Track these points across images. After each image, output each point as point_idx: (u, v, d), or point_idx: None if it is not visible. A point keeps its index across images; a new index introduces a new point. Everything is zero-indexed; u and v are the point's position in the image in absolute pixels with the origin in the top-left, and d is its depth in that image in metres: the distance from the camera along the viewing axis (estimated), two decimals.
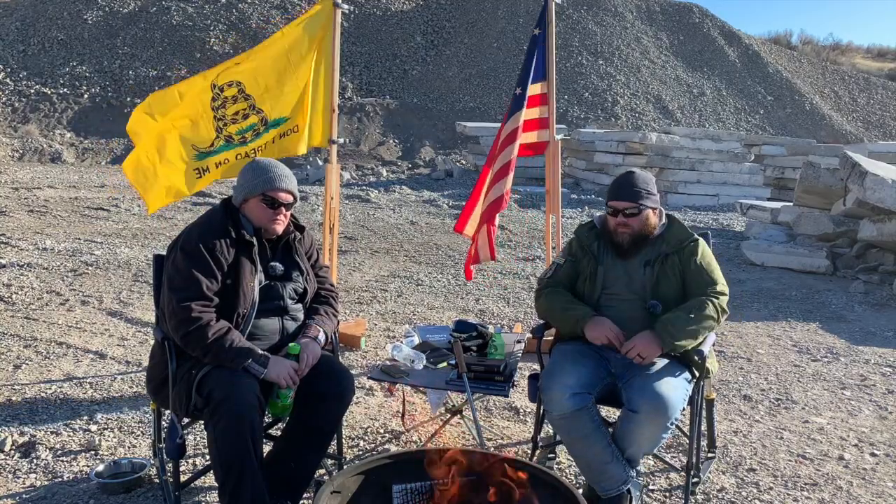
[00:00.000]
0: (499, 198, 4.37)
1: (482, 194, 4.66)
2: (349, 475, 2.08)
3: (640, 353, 2.62)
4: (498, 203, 4.37)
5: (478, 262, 4.66)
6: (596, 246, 2.88)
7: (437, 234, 9.33)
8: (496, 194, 4.40)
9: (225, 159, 4.04)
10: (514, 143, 4.45)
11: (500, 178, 4.40)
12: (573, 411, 2.57)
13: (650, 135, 13.73)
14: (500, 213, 4.47)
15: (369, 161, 17.44)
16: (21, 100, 17.79)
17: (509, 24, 22.91)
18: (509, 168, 4.41)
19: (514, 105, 4.58)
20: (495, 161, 4.52)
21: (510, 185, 4.43)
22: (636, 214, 2.74)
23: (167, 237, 8.04)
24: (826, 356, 5.01)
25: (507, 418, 3.73)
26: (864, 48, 33.49)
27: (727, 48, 24.75)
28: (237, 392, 2.35)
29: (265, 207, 2.64)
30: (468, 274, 4.79)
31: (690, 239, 2.80)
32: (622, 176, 2.83)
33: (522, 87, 4.57)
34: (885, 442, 3.61)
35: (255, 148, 4.09)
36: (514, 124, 4.49)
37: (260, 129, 4.08)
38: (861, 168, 7.45)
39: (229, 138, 4.03)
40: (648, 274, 2.76)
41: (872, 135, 23.39)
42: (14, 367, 4.14)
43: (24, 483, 2.90)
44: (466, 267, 4.76)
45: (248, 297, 2.56)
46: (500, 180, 4.40)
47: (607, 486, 2.60)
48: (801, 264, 7.83)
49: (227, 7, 21.77)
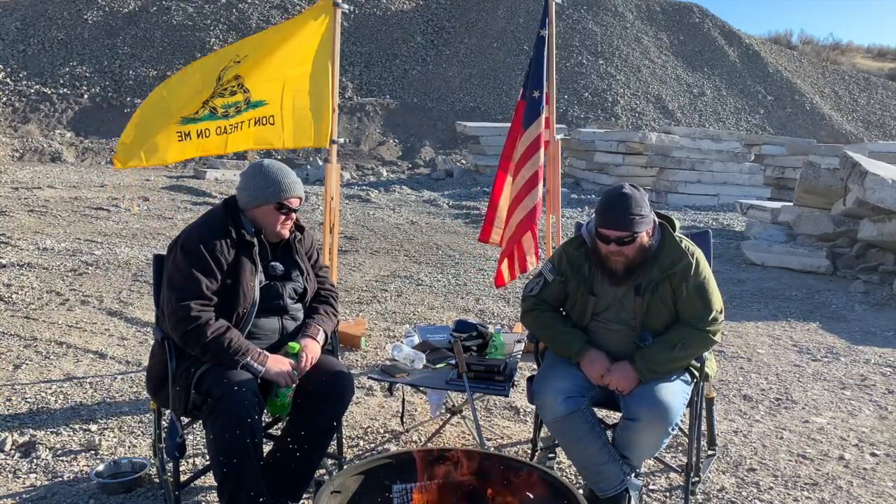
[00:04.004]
0: (535, 206, 4.40)
1: (502, 199, 4.67)
2: (349, 475, 2.08)
3: (617, 387, 2.60)
4: (535, 211, 4.40)
5: (525, 270, 4.59)
6: (586, 268, 2.72)
7: (437, 234, 9.33)
8: (532, 202, 4.41)
9: (206, 129, 4.08)
10: (540, 150, 4.44)
11: (533, 186, 4.41)
12: (566, 415, 2.56)
13: (650, 135, 13.73)
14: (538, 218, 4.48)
15: (369, 161, 17.44)
16: (21, 100, 17.79)
17: (509, 24, 22.91)
18: (539, 175, 4.42)
19: (531, 109, 4.52)
20: (521, 168, 4.50)
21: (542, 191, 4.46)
22: (630, 242, 2.55)
23: (167, 237, 8.04)
24: (826, 356, 5.01)
25: (507, 418, 3.73)
26: (864, 48, 33.48)
27: (727, 48, 24.74)
28: (236, 390, 2.35)
29: (278, 214, 2.64)
30: (500, 280, 4.67)
31: (682, 262, 2.60)
32: (613, 199, 2.57)
33: (539, 90, 4.54)
34: (885, 442, 3.61)
35: (235, 124, 4.14)
36: (536, 130, 4.47)
37: (242, 107, 4.14)
38: (861, 168, 7.45)
39: (213, 110, 4.08)
40: (639, 303, 2.62)
41: (872, 135, 23.39)
42: (14, 367, 4.14)
43: (24, 483, 2.90)
44: (499, 275, 4.66)
45: (249, 297, 2.56)
46: (533, 188, 4.41)
47: (605, 486, 2.60)
48: (801, 264, 7.83)
49: (227, 7, 21.77)
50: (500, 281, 4.67)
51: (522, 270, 4.62)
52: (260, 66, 4.13)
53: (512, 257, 4.59)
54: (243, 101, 4.13)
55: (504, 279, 4.64)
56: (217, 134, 4.09)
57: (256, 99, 4.16)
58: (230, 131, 4.12)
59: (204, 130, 4.07)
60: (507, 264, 4.61)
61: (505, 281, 4.65)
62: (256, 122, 4.20)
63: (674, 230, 2.70)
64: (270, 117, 4.22)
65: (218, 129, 4.10)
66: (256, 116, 4.19)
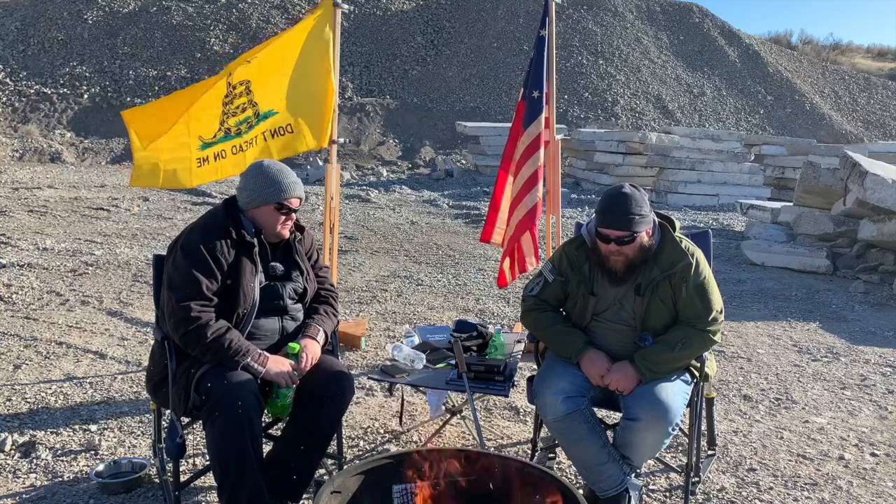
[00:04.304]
0: (535, 205, 4.40)
1: (503, 200, 4.67)
2: (349, 475, 2.08)
3: (618, 387, 2.60)
4: (535, 210, 4.40)
5: (525, 270, 4.60)
6: (587, 268, 2.72)
7: (437, 234, 9.33)
8: (532, 201, 4.41)
9: (222, 151, 4.09)
10: (539, 150, 4.45)
11: (533, 185, 4.41)
12: (566, 415, 2.57)
13: (650, 135, 13.72)
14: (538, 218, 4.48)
15: (369, 161, 17.43)
16: (21, 100, 17.78)
17: (509, 24, 22.90)
18: (539, 174, 4.42)
19: (531, 109, 4.53)
20: (521, 167, 4.50)
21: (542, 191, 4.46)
22: (630, 242, 2.56)
23: (167, 237, 8.04)
24: (826, 356, 5.01)
25: (507, 418, 3.73)
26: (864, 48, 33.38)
27: (727, 48, 24.73)
28: (235, 391, 2.36)
29: (278, 214, 2.65)
30: (503, 281, 4.67)
31: (682, 262, 2.61)
32: (613, 199, 2.58)
33: (539, 90, 4.55)
34: (885, 442, 3.61)
35: (249, 140, 4.14)
36: (536, 129, 4.47)
37: (252, 121, 4.14)
38: (861, 168, 7.45)
39: (228, 130, 4.08)
40: (639, 303, 2.63)
41: (872, 135, 23.37)
42: (14, 367, 4.14)
43: (24, 483, 2.90)
44: (501, 275, 4.66)
45: (249, 298, 2.56)
46: (533, 187, 4.41)
47: (605, 486, 2.60)
48: (801, 264, 7.83)
49: (227, 7, 21.76)
50: (503, 281, 4.67)
51: (522, 271, 4.62)
52: (265, 74, 4.13)
53: (513, 257, 4.59)
54: (253, 115, 4.13)
55: (506, 279, 4.64)
56: (233, 153, 4.10)
57: (265, 110, 4.16)
58: (245, 148, 4.13)
59: (220, 152, 4.09)
60: (508, 264, 4.61)
61: (507, 281, 4.65)
62: (273, 133, 4.21)
63: (674, 230, 2.70)
64: (287, 126, 4.23)
65: (233, 149, 4.11)
66: (271, 128, 4.20)
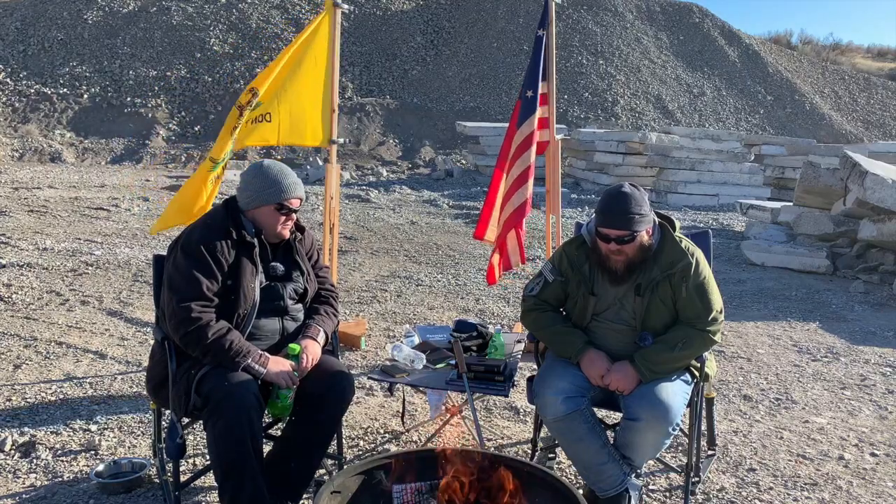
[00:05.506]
0: (523, 203, 4.39)
1: (498, 198, 4.66)
2: (349, 475, 2.08)
3: (618, 387, 2.60)
4: (522, 208, 4.39)
5: (509, 268, 4.62)
6: (587, 268, 2.72)
7: (437, 234, 9.33)
8: (520, 199, 4.41)
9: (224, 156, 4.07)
10: (531, 148, 4.45)
11: (522, 183, 4.41)
12: (566, 415, 2.57)
13: (650, 135, 13.73)
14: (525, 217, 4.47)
15: (369, 161, 17.43)
16: (21, 100, 17.78)
17: (509, 24, 22.90)
18: (529, 173, 4.42)
19: (525, 108, 4.55)
20: (512, 166, 4.51)
21: (532, 190, 4.45)
22: (630, 241, 2.55)
23: (167, 237, 8.04)
24: (826, 356, 5.01)
25: (507, 418, 3.73)
26: (864, 48, 33.37)
27: (727, 48, 24.73)
28: (236, 392, 2.35)
29: (278, 215, 2.64)
30: (492, 278, 4.67)
31: (682, 262, 2.60)
32: (612, 198, 2.58)
33: (533, 90, 4.56)
34: (885, 442, 3.61)
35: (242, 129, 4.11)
36: (529, 128, 4.48)
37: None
38: (861, 168, 7.45)
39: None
40: (639, 303, 2.63)
41: (872, 135, 23.37)
42: (14, 367, 4.14)
43: (24, 483, 2.90)
44: (490, 272, 4.65)
45: (249, 298, 2.56)
46: (521, 185, 4.41)
47: (605, 486, 2.60)
48: (801, 264, 7.83)
49: (227, 7, 21.76)
50: (492, 278, 4.68)
51: (506, 268, 4.62)
52: (271, 76, 4.14)
53: (503, 254, 4.60)
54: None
55: (495, 276, 4.64)
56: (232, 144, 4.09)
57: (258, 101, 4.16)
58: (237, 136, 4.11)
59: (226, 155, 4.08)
60: (497, 260, 4.62)
61: (495, 278, 4.66)
62: (255, 120, 4.20)
63: (674, 230, 2.70)
64: (266, 115, 4.21)
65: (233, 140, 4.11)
66: (255, 116, 4.19)
